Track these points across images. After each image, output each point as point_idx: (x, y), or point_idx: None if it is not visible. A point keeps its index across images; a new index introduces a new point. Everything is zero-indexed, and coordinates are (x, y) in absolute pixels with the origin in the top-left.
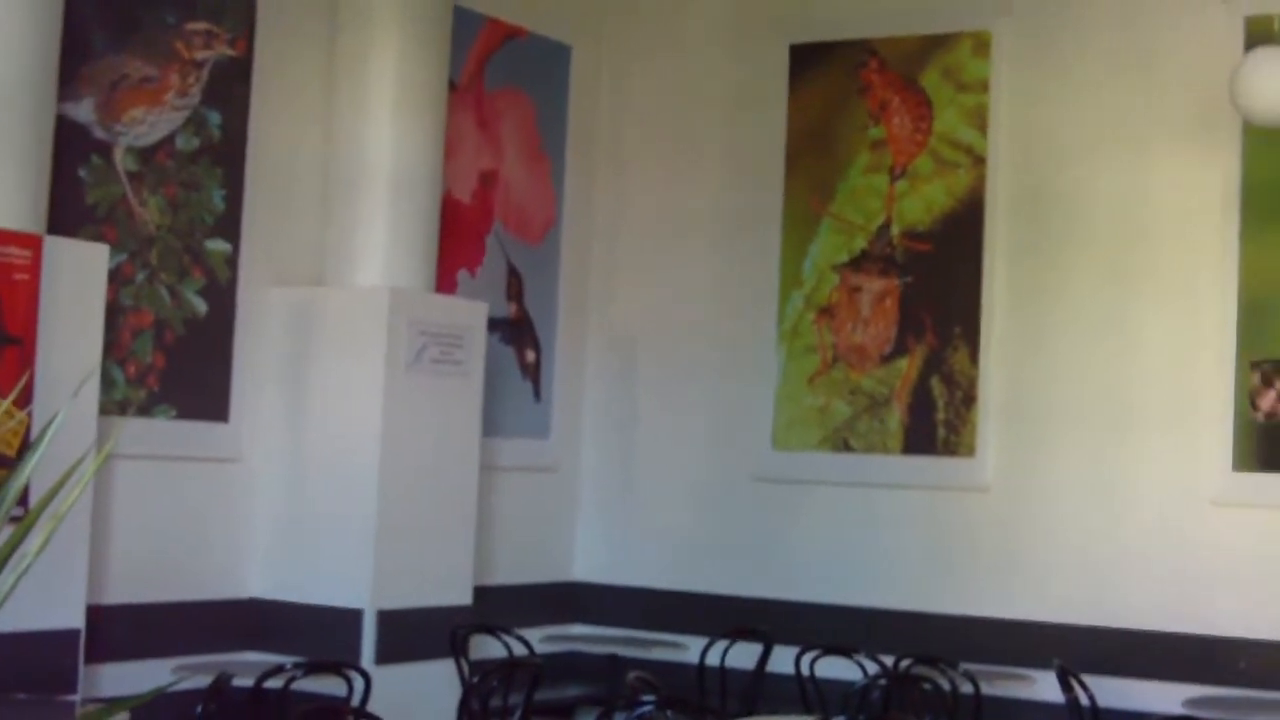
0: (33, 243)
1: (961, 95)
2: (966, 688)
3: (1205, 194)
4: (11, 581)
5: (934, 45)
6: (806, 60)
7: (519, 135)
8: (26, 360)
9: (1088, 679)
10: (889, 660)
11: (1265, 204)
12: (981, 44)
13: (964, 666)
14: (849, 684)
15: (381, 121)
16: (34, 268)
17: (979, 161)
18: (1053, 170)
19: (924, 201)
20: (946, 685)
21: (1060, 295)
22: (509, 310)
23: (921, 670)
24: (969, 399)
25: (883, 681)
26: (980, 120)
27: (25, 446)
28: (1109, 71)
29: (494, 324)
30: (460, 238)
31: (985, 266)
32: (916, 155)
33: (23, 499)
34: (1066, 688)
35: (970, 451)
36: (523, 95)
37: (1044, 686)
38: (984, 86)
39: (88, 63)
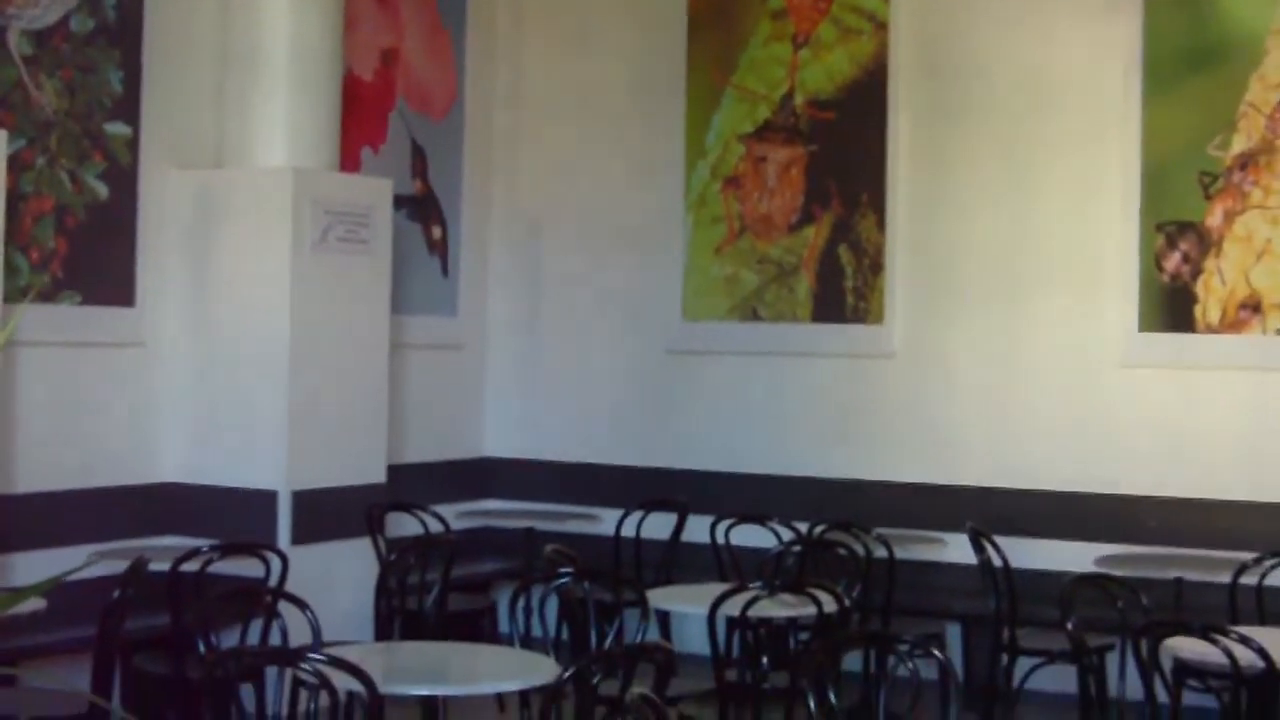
0: None
1: None
2: (880, 551)
3: (1108, 58)
4: None
5: None
6: None
7: (419, 10)
8: None
9: (999, 540)
10: (803, 527)
11: (1167, 67)
12: None
13: (877, 531)
14: (764, 551)
15: None
16: None
17: (881, 28)
18: (955, 36)
19: (826, 70)
20: (860, 550)
21: (965, 161)
22: (414, 187)
23: (835, 535)
24: (876, 266)
25: (797, 548)
26: None
27: None
28: None
29: (399, 201)
30: (362, 116)
31: (890, 133)
32: (818, 23)
33: None
34: (979, 549)
35: (879, 319)
36: None
37: (956, 549)
38: None
39: None
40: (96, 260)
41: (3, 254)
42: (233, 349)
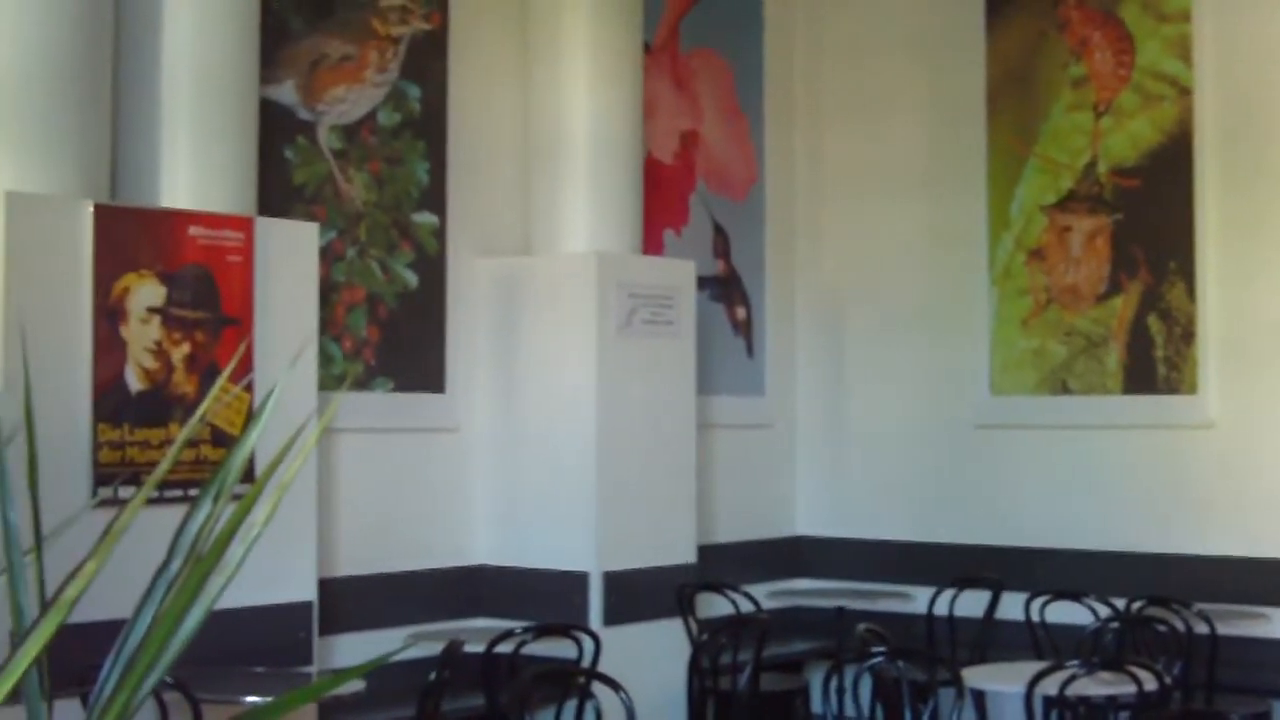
0: (244, 225)
1: (1163, 26)
2: (1201, 627)
3: None
4: (241, 553)
5: None
6: (1003, 0)
7: (716, 94)
8: (244, 339)
9: None
10: (1120, 603)
11: None
12: None
13: (1197, 606)
14: (1080, 629)
15: (578, 87)
16: (246, 249)
17: (1185, 93)
18: (1261, 96)
19: (1130, 137)
20: (1181, 626)
21: (1275, 225)
22: (717, 268)
23: (1154, 611)
24: (1188, 335)
25: (1115, 624)
26: (1184, 51)
27: (248, 424)
28: None
29: (703, 282)
30: (664, 198)
31: (1197, 199)
32: (1120, 90)
33: (248, 475)
34: None
35: (1192, 388)
36: (717, 54)
37: None
38: (1186, 16)
39: (287, 45)
40: (408, 347)
41: (318, 343)
42: (542, 432)
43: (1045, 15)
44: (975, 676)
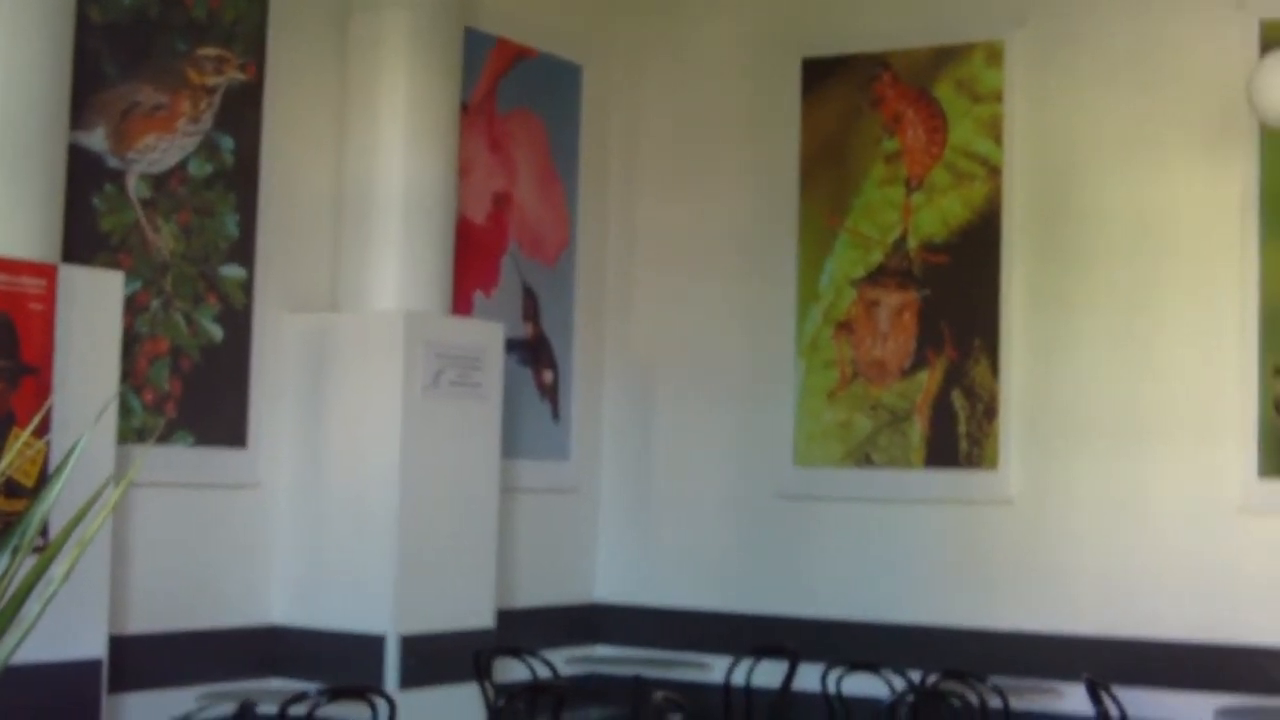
0: (47, 272)
1: (976, 106)
2: (995, 702)
3: (1223, 199)
4: (38, 610)
5: (947, 56)
6: (819, 74)
7: (531, 156)
8: (43, 390)
9: (1117, 690)
10: (916, 676)
11: None
12: (994, 54)
13: (992, 680)
14: (876, 701)
15: (394, 144)
16: (49, 297)
17: (995, 172)
18: (1069, 179)
19: (940, 214)
20: (975, 700)
21: (1080, 305)
22: (525, 331)
23: (949, 685)
24: (990, 411)
25: (910, 698)
26: (995, 131)
27: (44, 476)
28: (1124, 79)
29: (511, 345)
30: (475, 260)
31: (1004, 277)
32: (932, 167)
33: (43, 530)
34: (1096, 700)
35: (993, 464)
36: (534, 116)
37: (1073, 699)
38: (998, 97)
39: (99, 91)
40: (210, 402)
41: (118, 395)
42: (343, 491)
43: (861, 91)
44: None
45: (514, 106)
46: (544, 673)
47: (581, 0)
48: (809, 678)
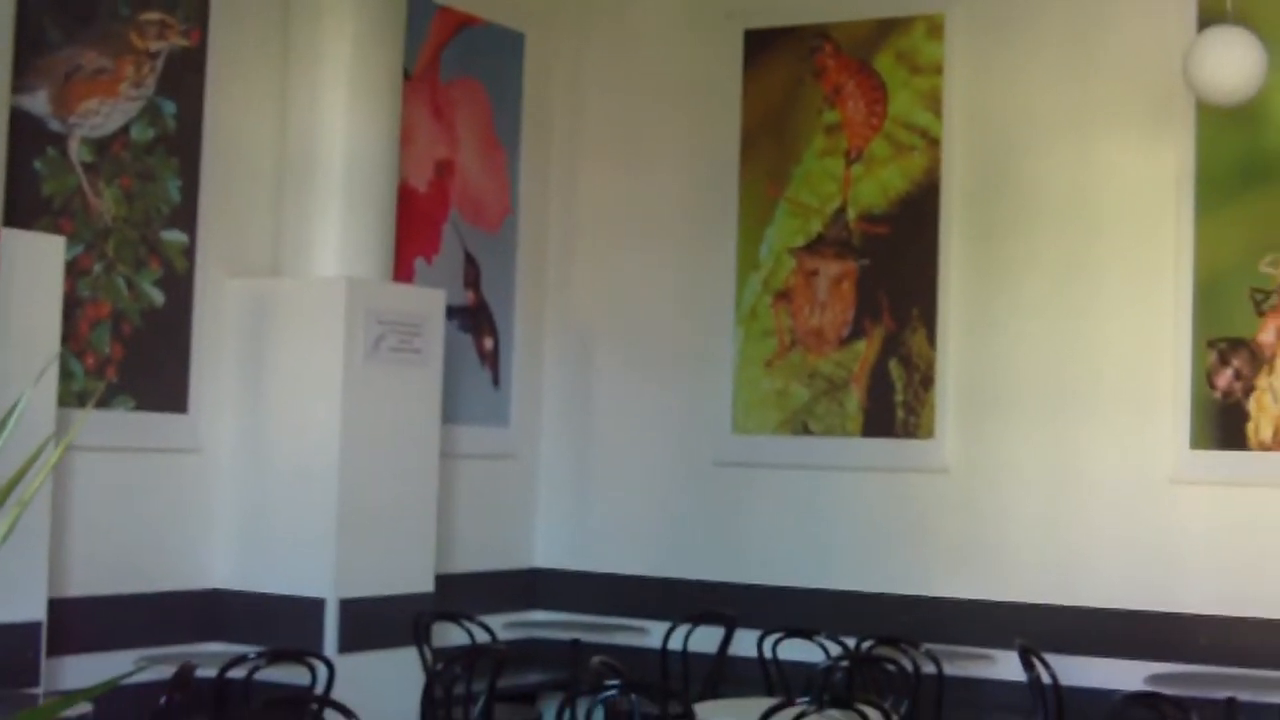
0: None
1: (916, 78)
2: (929, 668)
3: (1160, 174)
4: None
5: (888, 29)
6: (761, 46)
7: (474, 124)
8: None
9: (1049, 657)
10: (851, 642)
11: (1219, 183)
12: (935, 27)
13: (926, 647)
14: (812, 666)
15: (336, 111)
16: None
17: (934, 144)
18: (1007, 152)
19: (880, 184)
20: (909, 665)
21: (1017, 277)
22: (466, 298)
23: (883, 651)
24: (927, 381)
25: (845, 663)
26: (935, 103)
27: None
28: (1063, 53)
29: (452, 312)
30: (417, 227)
31: (942, 249)
32: (871, 139)
33: None
34: (1028, 666)
35: (929, 433)
36: (478, 84)
37: (1006, 665)
38: (938, 69)
39: (41, 55)
40: (151, 366)
41: (59, 359)
42: (284, 457)
43: (802, 61)
44: (707, 711)
45: (457, 75)
46: (483, 637)
47: None
48: (745, 643)
